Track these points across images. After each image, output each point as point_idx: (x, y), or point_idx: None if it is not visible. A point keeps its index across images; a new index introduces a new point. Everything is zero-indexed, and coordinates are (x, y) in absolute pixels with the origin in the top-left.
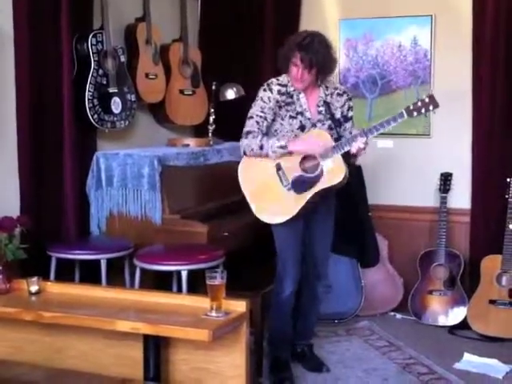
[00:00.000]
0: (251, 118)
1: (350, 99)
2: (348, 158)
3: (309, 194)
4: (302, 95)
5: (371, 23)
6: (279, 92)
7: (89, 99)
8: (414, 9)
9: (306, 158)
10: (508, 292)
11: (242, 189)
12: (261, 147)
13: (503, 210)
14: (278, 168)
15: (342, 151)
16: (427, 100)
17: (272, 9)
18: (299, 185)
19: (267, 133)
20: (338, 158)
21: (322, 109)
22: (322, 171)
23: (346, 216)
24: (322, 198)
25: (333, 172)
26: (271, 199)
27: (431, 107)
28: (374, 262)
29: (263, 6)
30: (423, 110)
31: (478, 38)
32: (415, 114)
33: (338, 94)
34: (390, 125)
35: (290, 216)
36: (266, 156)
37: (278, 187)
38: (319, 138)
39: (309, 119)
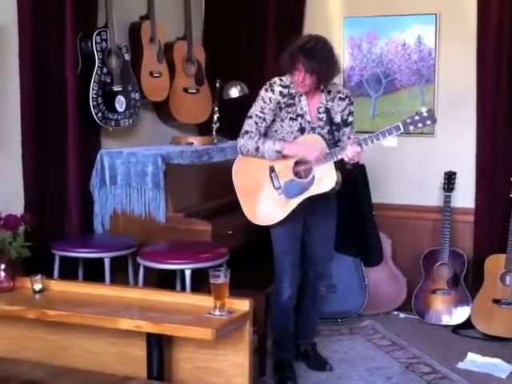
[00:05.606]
0: (250, 117)
1: (351, 104)
2: (342, 163)
3: (298, 200)
4: (303, 98)
5: (375, 21)
6: (281, 93)
7: (93, 97)
8: (418, 7)
9: (299, 161)
10: None
11: (235, 188)
12: (256, 149)
13: (507, 209)
14: (271, 170)
15: (335, 159)
16: (425, 114)
17: (276, 6)
18: (290, 189)
19: (266, 133)
20: (330, 165)
21: (322, 115)
22: (313, 177)
23: (349, 215)
24: (320, 201)
25: (324, 179)
26: (262, 201)
27: (429, 122)
28: (378, 261)
29: (267, 3)
30: (420, 125)
31: (483, 36)
32: (412, 128)
33: (340, 98)
34: (385, 137)
35: (279, 220)
36: (262, 157)
37: (270, 190)
38: (314, 144)
39: (308, 122)
